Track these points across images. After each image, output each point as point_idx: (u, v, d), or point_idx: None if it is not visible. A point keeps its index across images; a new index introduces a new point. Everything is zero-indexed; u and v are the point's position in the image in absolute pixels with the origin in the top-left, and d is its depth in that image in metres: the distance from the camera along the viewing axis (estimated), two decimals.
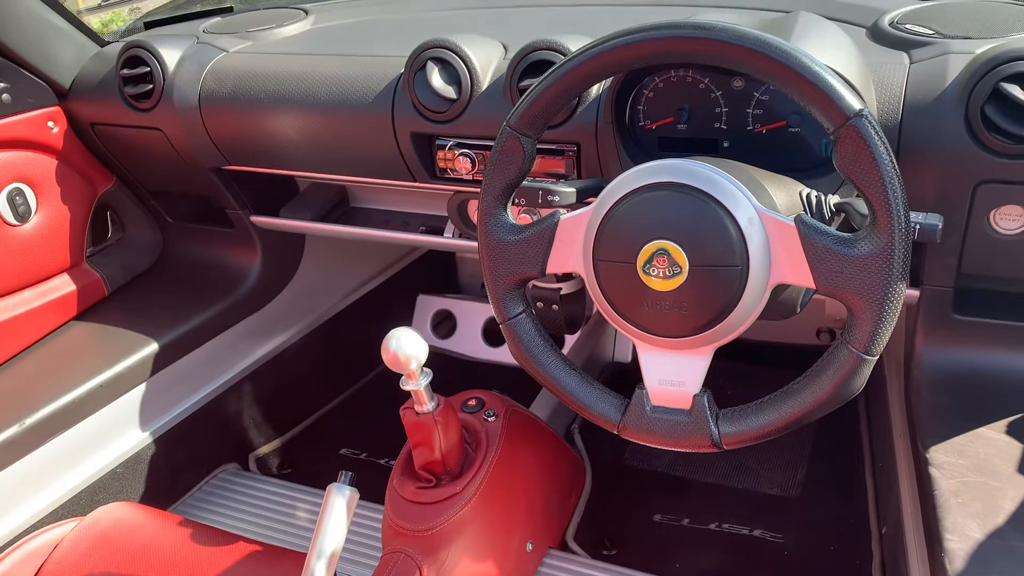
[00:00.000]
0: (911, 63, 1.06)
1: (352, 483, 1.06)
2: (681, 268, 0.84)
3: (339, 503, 1.04)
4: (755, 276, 0.83)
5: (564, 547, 1.48)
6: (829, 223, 0.97)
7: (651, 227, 0.85)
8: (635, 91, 1.13)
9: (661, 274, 0.85)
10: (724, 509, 1.56)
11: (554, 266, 0.93)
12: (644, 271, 0.85)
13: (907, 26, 1.14)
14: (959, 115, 0.98)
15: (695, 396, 0.89)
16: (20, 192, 1.49)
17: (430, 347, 1.08)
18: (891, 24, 1.15)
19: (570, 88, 0.87)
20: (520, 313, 0.96)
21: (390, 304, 2.13)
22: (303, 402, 1.92)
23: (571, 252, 0.91)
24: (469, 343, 2.08)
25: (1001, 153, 0.97)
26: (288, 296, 1.83)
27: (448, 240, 1.52)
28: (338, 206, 1.69)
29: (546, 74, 0.87)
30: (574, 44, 1.17)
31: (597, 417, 0.94)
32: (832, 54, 0.97)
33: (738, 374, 1.81)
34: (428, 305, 2.16)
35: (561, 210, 0.93)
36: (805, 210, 0.95)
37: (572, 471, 1.55)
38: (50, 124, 1.54)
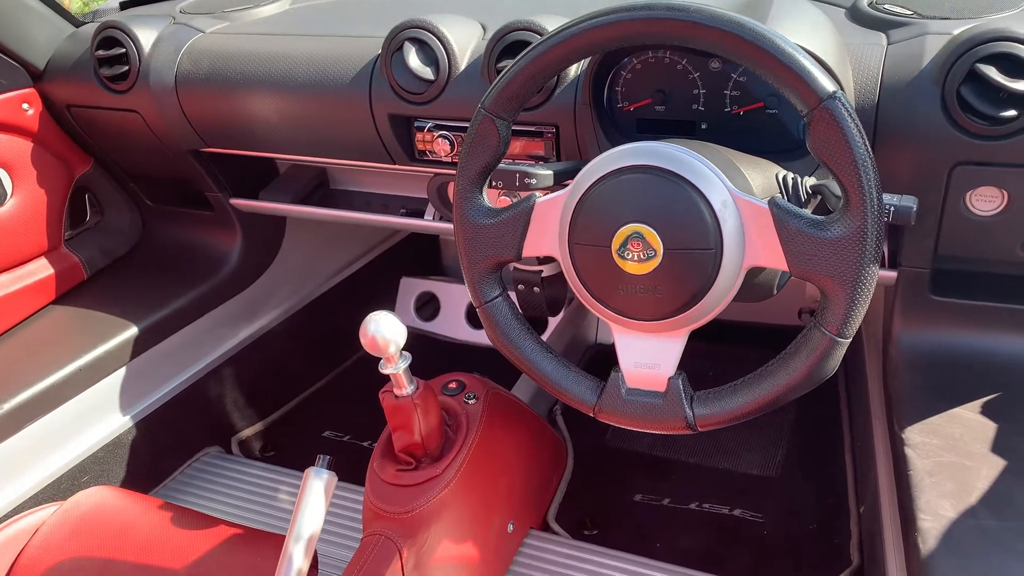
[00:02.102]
0: (889, 44, 1.05)
1: (330, 467, 1.06)
2: (655, 251, 0.83)
3: (317, 487, 1.04)
4: (729, 259, 0.83)
5: (546, 528, 1.49)
6: (805, 205, 0.97)
7: (625, 211, 0.84)
8: (613, 73, 1.12)
9: (635, 257, 0.84)
10: (705, 489, 1.57)
11: (530, 249, 0.93)
12: (619, 255, 0.85)
13: (885, 6, 1.13)
14: (936, 96, 0.98)
15: (670, 379, 0.89)
16: None
17: (413, 329, 1.08)
18: (870, 4, 1.15)
19: (544, 70, 0.86)
20: (496, 297, 0.96)
21: (373, 286, 2.12)
22: (286, 385, 1.92)
23: (547, 235, 0.91)
24: (452, 325, 2.08)
25: (977, 135, 0.97)
26: (270, 279, 1.82)
27: (428, 223, 1.51)
28: (318, 188, 1.68)
29: (520, 56, 0.86)
30: (552, 24, 1.16)
31: (573, 400, 0.94)
32: (808, 35, 0.96)
33: (720, 355, 1.82)
34: (411, 288, 2.16)
35: (537, 193, 0.92)
36: (781, 192, 0.95)
37: (554, 452, 1.55)
38: (24, 106, 1.52)
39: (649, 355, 0.90)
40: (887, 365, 1.22)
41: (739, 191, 0.83)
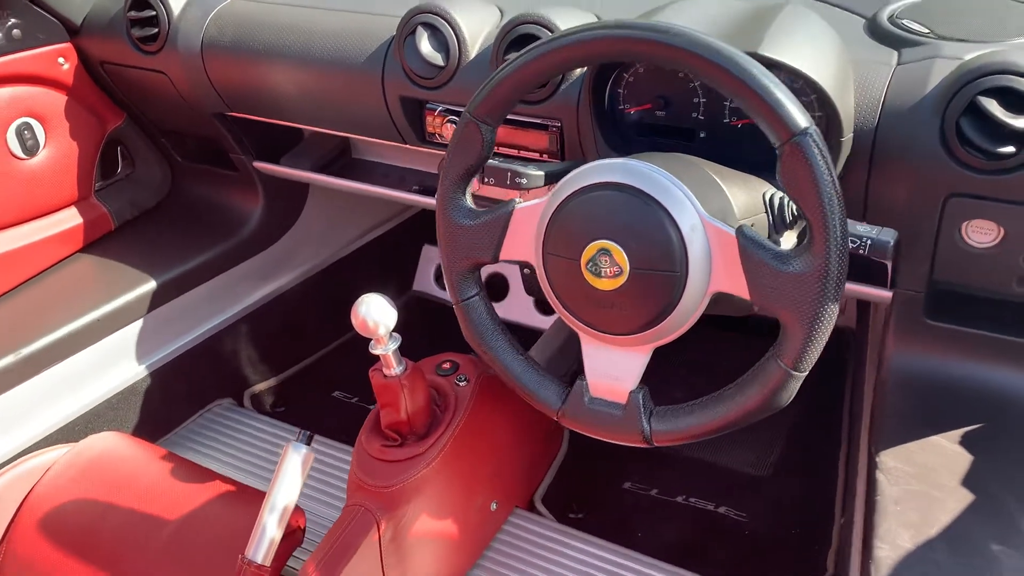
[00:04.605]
0: (898, 64, 1.03)
1: (309, 442, 1.10)
2: (622, 269, 0.85)
3: (294, 460, 1.08)
4: (694, 283, 0.84)
5: (532, 508, 1.52)
6: (791, 226, 0.96)
7: (596, 226, 0.85)
8: (616, 74, 1.12)
9: (603, 273, 0.86)
10: (694, 483, 1.58)
11: (507, 253, 0.94)
12: (587, 269, 0.86)
13: (904, 22, 1.10)
14: (935, 125, 0.96)
15: (631, 392, 0.91)
16: (28, 126, 1.53)
17: (430, 297, 1.11)
18: (889, 18, 1.12)
19: (529, 79, 0.87)
20: (473, 296, 0.98)
21: (395, 253, 2.16)
22: (300, 344, 1.97)
23: (524, 241, 0.93)
24: None
25: (973, 168, 0.95)
26: (290, 240, 1.86)
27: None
28: (340, 156, 1.71)
29: (504, 64, 0.87)
30: (565, 19, 1.15)
31: (538, 403, 0.96)
32: (805, 55, 0.95)
33: (733, 343, 1.79)
34: (433, 255, 2.18)
35: (518, 199, 0.94)
36: (767, 211, 0.95)
37: (547, 436, 1.58)
38: (60, 60, 1.56)
39: (613, 367, 0.91)
40: (877, 385, 1.22)
41: (709, 216, 0.83)
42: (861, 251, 0.85)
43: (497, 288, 2.07)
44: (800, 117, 0.75)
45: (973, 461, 1.05)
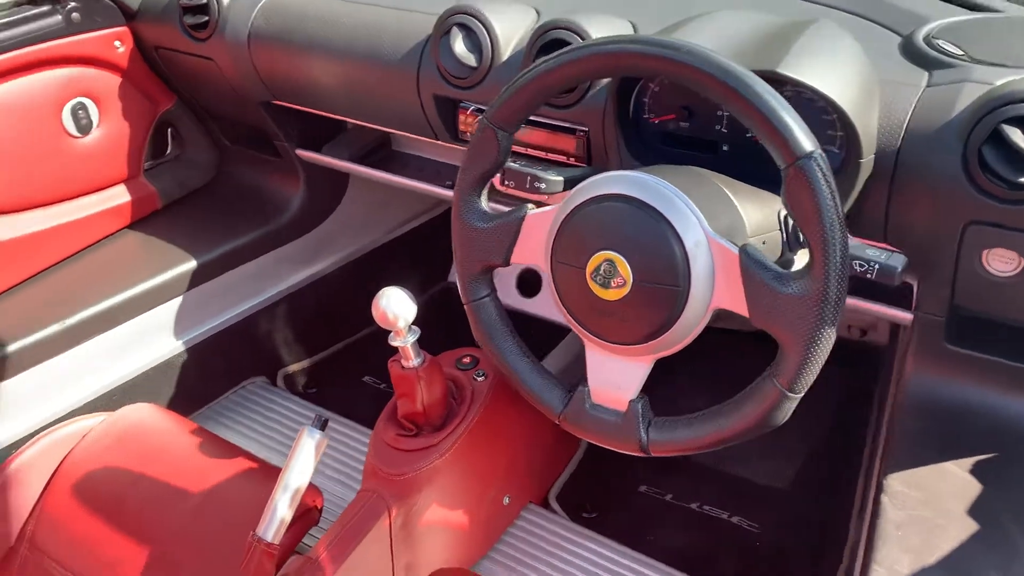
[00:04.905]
0: (927, 86, 1.02)
1: (324, 428, 1.14)
2: (625, 281, 0.86)
3: (308, 445, 1.12)
4: (696, 298, 0.85)
5: (545, 505, 1.54)
6: (805, 245, 0.96)
7: (602, 237, 0.87)
8: (642, 83, 1.13)
9: (607, 284, 0.87)
10: (709, 491, 1.59)
11: (518, 257, 0.96)
12: (592, 278, 0.88)
13: (939, 42, 1.09)
14: (957, 151, 0.94)
15: (631, 401, 0.92)
16: (83, 106, 1.60)
17: None
18: (925, 38, 1.10)
19: (544, 89, 0.89)
20: (483, 297, 1.00)
21: (429, 244, 2.19)
22: (335, 328, 2.02)
23: (534, 247, 0.94)
24: (503, 290, 2.12)
25: (995, 196, 0.94)
26: (329, 227, 1.91)
27: None
28: (380, 148, 1.74)
29: (520, 74, 0.89)
30: (597, 27, 1.16)
31: (541, 405, 0.98)
32: (827, 74, 0.94)
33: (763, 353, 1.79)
34: None
35: (530, 204, 0.95)
36: (781, 230, 0.95)
37: (565, 434, 1.59)
38: (116, 44, 1.62)
39: (615, 375, 0.93)
40: (893, 407, 1.21)
41: (715, 232, 0.84)
42: (868, 275, 0.85)
43: (530, 285, 2.09)
44: (805, 140, 0.75)
45: (983, 490, 1.03)
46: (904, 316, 1.15)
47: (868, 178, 0.99)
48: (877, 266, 0.83)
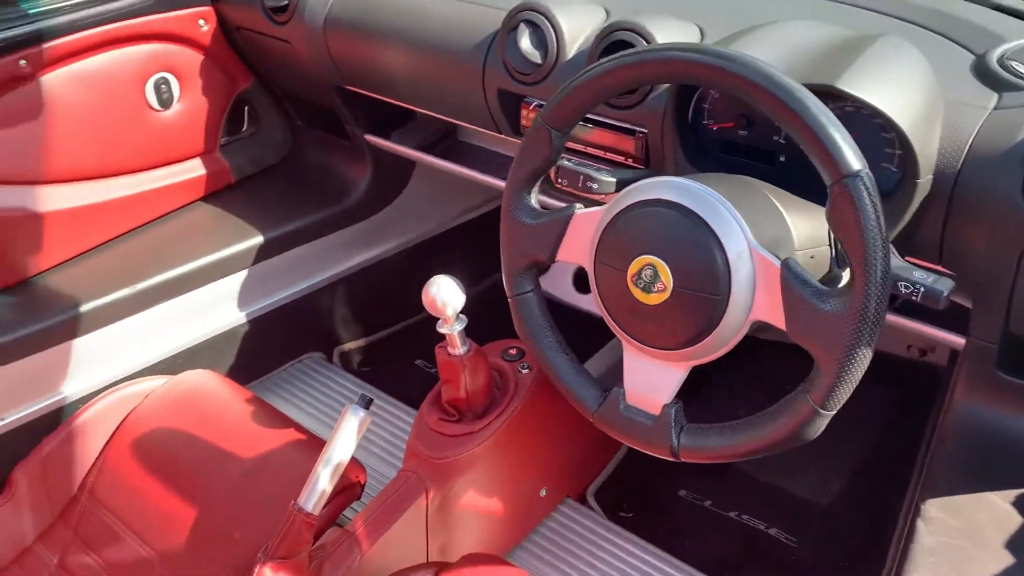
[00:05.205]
0: (995, 108, 0.99)
1: (367, 406, 1.17)
2: (666, 286, 0.87)
3: (351, 422, 1.16)
4: (735, 309, 0.85)
5: (583, 501, 1.56)
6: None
7: (645, 242, 0.88)
8: (700, 89, 1.13)
9: (647, 288, 0.88)
10: (749, 501, 1.58)
11: (564, 255, 0.98)
12: (633, 282, 0.89)
13: (1014, 64, 1.06)
14: (1018, 176, 0.92)
15: (665, 405, 0.93)
16: (166, 81, 1.67)
17: None
18: (999, 59, 1.07)
19: (599, 93, 0.90)
20: (528, 292, 1.02)
21: (491, 235, 2.21)
22: (392, 310, 2.06)
23: (580, 246, 0.96)
24: (559, 286, 2.14)
25: None
26: (392, 212, 1.95)
27: None
28: (446, 137, 1.77)
29: (575, 76, 0.90)
30: (662, 30, 1.16)
31: (577, 403, 1.00)
32: (888, 92, 0.93)
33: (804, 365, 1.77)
34: None
35: (579, 204, 0.97)
36: (830, 245, 0.95)
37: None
38: (201, 23, 1.69)
39: (650, 378, 0.94)
40: (939, 430, 1.18)
41: (758, 244, 0.84)
42: (914, 297, 0.84)
43: (585, 281, 2.09)
44: (853, 159, 0.75)
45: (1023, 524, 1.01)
46: (957, 340, 1.13)
47: (925, 198, 0.97)
48: (923, 289, 0.82)
